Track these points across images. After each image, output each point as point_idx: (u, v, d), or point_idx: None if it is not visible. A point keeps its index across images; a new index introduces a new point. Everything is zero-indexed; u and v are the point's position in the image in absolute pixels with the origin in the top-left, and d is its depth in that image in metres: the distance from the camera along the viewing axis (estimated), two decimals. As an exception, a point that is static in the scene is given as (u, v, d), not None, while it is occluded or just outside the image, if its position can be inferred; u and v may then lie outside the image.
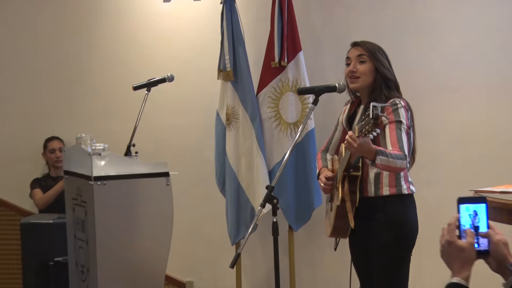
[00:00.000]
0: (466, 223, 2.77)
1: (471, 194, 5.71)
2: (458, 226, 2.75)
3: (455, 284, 2.69)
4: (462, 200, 2.81)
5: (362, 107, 5.00)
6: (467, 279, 2.69)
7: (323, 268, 7.36)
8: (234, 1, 7.23)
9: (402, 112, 4.78)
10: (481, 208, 2.79)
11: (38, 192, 7.83)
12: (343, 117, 5.15)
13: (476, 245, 2.73)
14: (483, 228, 2.75)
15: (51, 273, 6.46)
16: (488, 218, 2.78)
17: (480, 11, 7.13)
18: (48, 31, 8.14)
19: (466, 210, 2.79)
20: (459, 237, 2.74)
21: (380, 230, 4.86)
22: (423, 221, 4.97)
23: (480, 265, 2.69)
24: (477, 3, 7.14)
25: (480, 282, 3.80)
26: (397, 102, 4.81)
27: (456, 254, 2.72)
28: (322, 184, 5.10)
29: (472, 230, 2.74)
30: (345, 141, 4.61)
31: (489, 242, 2.73)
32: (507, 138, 6.55)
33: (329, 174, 5.09)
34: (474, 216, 2.79)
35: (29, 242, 6.88)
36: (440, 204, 6.15)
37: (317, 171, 5.32)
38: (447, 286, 2.71)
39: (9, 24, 8.22)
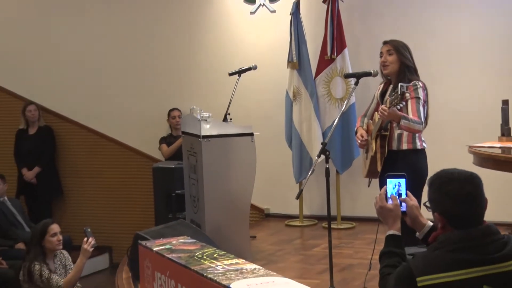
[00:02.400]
0: (392, 191, 2.91)
1: (466, 148, 5.61)
2: (386, 194, 2.89)
3: (391, 235, 2.84)
4: (388, 176, 2.96)
5: (391, 86, 4.93)
6: (398, 230, 2.84)
7: (360, 200, 7.27)
8: (299, 12, 7.23)
9: (420, 91, 4.78)
10: (403, 181, 2.94)
11: (164, 146, 7.88)
12: (378, 93, 5.08)
13: (401, 207, 2.88)
14: (404, 195, 2.90)
15: (173, 202, 6.51)
16: (406, 189, 2.93)
17: (475, 18, 6.98)
18: (168, 32, 8.17)
19: (391, 182, 2.93)
20: (387, 201, 2.88)
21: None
22: (433, 169, 4.81)
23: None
24: (471, 13, 6.98)
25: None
26: (417, 83, 4.80)
27: (388, 214, 2.87)
28: (359, 141, 5.04)
29: (395, 195, 2.89)
30: (379, 111, 4.68)
31: (406, 206, 2.88)
32: (491, 109, 6.35)
33: (364, 133, 5.01)
34: (398, 187, 2.91)
35: (158, 180, 6.94)
36: (445, 156, 5.93)
37: (355, 129, 5.25)
38: (387, 237, 2.88)
39: (142, 24, 8.29)
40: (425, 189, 3.24)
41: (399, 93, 4.43)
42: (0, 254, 6.60)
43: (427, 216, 2.92)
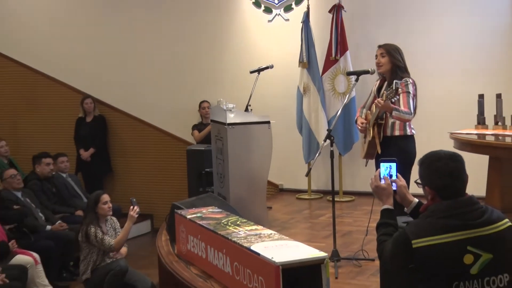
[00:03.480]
0: (384, 173, 2.91)
1: (448, 135, 5.54)
2: (379, 176, 2.89)
3: (386, 209, 2.82)
4: (382, 160, 2.95)
5: (386, 82, 4.86)
6: (391, 204, 2.82)
7: (358, 177, 7.21)
8: (309, 20, 7.16)
9: (410, 86, 4.71)
10: (393, 165, 2.92)
11: (195, 132, 7.86)
12: (375, 88, 5.02)
13: (392, 186, 2.87)
14: (394, 177, 2.89)
15: (203, 178, 6.47)
16: (397, 171, 2.92)
17: (455, 26, 6.92)
18: (201, 37, 8.13)
19: (383, 166, 2.92)
20: (380, 181, 2.89)
21: (392, 155, 4.75)
22: (420, 152, 4.73)
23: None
24: (451, 21, 6.92)
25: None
26: (408, 80, 4.73)
27: (382, 192, 2.86)
28: (359, 127, 4.99)
29: (388, 177, 2.88)
30: (375, 103, 4.64)
31: (396, 185, 2.87)
32: (469, 102, 6.21)
33: (363, 121, 4.95)
34: (389, 169, 2.90)
35: (191, 160, 6.89)
36: (431, 141, 5.78)
37: (355, 118, 5.19)
38: (382, 211, 2.85)
39: (180, 30, 8.26)
40: (415, 169, 3.22)
41: (394, 88, 4.37)
42: (63, 220, 6.66)
43: (417, 192, 2.90)
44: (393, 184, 2.88)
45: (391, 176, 2.91)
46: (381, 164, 2.94)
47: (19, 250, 5.68)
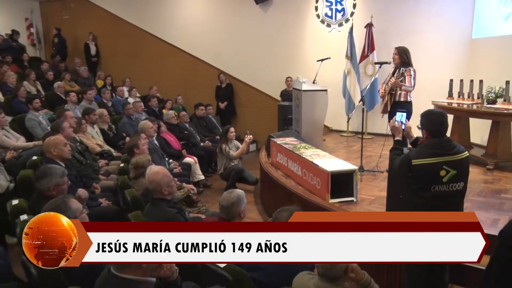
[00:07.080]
0: (399, 119, 2.78)
1: (431, 102, 5.32)
2: (395, 120, 2.77)
3: (397, 140, 2.72)
4: (398, 111, 2.84)
5: (397, 69, 4.62)
6: (401, 137, 2.72)
7: (377, 124, 6.92)
8: (352, 32, 6.89)
9: (412, 72, 4.50)
10: (404, 114, 2.79)
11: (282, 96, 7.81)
12: (390, 72, 4.76)
13: (403, 126, 2.75)
14: (404, 121, 2.77)
15: (287, 121, 6.46)
16: (407, 117, 2.79)
17: (436, 37, 6.39)
18: (288, 36, 7.88)
19: (398, 113, 2.80)
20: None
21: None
22: (416, 111, 4.54)
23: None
24: (435, 33, 6.42)
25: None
26: (411, 68, 4.51)
27: (396, 129, 2.76)
28: (380, 94, 4.76)
29: (400, 121, 2.76)
30: (390, 81, 4.48)
31: (405, 126, 2.75)
32: (444, 83, 5.78)
33: (382, 91, 4.71)
34: (401, 116, 2.77)
35: (281, 110, 6.73)
36: (422, 105, 5.50)
37: (378, 89, 4.98)
38: (395, 140, 2.72)
39: (277, 29, 8.02)
40: (412, 121, 3.11)
41: (401, 73, 4.29)
42: (209, 140, 6.91)
43: (417, 133, 2.83)
44: (403, 125, 2.82)
45: (402, 122, 2.86)
46: (397, 113, 2.87)
47: (187, 154, 5.96)
